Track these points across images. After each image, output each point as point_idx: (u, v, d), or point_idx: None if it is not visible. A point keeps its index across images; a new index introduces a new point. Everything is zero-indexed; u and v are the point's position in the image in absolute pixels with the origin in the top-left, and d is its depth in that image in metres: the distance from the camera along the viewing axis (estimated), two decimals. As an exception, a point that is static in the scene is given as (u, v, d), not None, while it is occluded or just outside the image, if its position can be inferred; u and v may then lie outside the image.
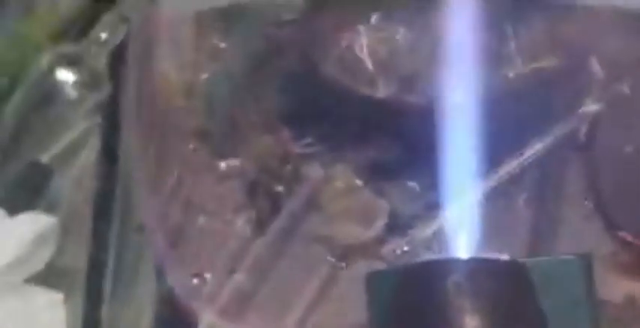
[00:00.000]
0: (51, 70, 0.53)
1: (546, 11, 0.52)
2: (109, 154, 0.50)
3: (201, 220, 0.52)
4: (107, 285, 0.47)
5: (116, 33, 0.51)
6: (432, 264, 0.34)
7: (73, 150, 0.51)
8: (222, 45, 0.55)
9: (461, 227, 0.36)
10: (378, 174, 0.52)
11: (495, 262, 0.33)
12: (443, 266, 0.33)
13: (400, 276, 0.34)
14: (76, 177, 0.51)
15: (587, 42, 0.52)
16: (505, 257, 0.34)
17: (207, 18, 0.54)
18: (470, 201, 0.44)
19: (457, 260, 0.34)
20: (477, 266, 0.33)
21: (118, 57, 0.52)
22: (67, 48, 0.53)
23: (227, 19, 0.55)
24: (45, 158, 0.51)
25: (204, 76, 0.54)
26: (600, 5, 0.43)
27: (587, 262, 0.36)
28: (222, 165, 0.53)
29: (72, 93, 0.52)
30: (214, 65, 0.54)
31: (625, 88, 0.53)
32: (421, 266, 0.34)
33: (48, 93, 0.53)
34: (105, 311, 0.47)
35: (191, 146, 0.54)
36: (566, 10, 0.51)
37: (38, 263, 0.47)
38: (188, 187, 0.52)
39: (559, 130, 0.51)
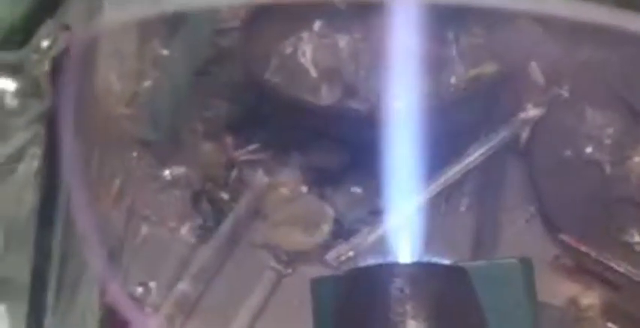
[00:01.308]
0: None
1: (487, 18, 0.53)
2: (52, 164, 0.50)
3: (145, 229, 0.52)
4: (50, 295, 0.47)
5: (57, 41, 0.50)
6: (374, 269, 0.34)
7: (14, 159, 0.51)
8: (165, 52, 0.55)
9: (404, 232, 0.36)
10: (323, 180, 0.52)
11: (436, 266, 0.34)
12: (385, 271, 0.33)
13: (344, 282, 0.34)
14: (18, 185, 0.50)
15: (526, 48, 0.53)
16: (446, 261, 0.34)
17: (150, 26, 0.54)
18: (413, 207, 0.45)
19: (399, 265, 0.34)
20: (418, 271, 0.33)
21: (59, 65, 0.51)
22: (8, 56, 0.52)
23: (169, 27, 0.55)
24: (-15, 167, 0.51)
25: (147, 83, 0.54)
26: (538, 13, 0.43)
27: (527, 265, 0.36)
28: (166, 173, 0.53)
29: (12, 102, 0.52)
30: (157, 73, 0.54)
31: (564, 93, 0.53)
32: (364, 271, 0.34)
33: (-12, 103, 0.52)
34: (48, 321, 0.46)
35: (134, 154, 0.53)
36: (506, 18, 0.52)
37: (-21, 275, 0.46)
38: (131, 196, 0.52)
39: (500, 135, 0.52)
